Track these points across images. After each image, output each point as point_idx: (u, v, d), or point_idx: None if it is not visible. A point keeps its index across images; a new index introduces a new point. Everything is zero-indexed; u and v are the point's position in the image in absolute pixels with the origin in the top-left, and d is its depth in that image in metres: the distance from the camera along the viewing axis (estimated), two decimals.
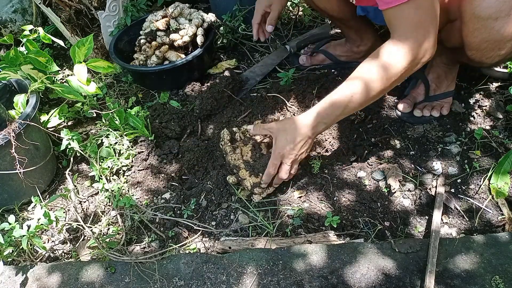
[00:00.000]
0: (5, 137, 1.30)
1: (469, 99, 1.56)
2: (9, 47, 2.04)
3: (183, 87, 1.82)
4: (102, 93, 1.82)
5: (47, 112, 1.73)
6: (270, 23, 1.55)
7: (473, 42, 1.17)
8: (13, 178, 1.39)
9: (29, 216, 1.46)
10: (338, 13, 1.58)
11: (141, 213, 1.37)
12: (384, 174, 1.36)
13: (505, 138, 1.41)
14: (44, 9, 2.06)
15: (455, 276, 1.06)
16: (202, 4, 2.26)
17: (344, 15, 1.59)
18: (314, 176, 1.38)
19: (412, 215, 1.27)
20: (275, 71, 1.84)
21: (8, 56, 1.46)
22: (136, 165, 1.54)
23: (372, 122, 1.55)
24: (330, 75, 1.73)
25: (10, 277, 1.23)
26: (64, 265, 1.24)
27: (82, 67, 1.43)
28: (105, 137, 1.56)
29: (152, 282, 1.15)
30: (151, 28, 1.83)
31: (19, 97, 1.44)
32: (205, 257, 1.18)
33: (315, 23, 2.11)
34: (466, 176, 1.33)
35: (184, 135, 1.63)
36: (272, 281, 1.11)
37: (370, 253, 1.13)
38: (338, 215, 1.25)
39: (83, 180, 1.56)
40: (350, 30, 1.70)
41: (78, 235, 1.38)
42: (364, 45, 1.70)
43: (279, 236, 1.25)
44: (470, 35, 1.16)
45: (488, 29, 1.12)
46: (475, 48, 1.19)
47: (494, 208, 1.25)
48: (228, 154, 1.36)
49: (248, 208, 1.32)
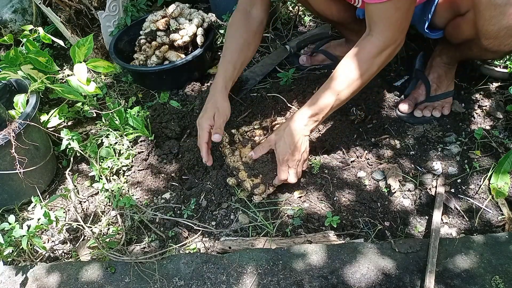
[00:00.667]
0: (5, 137, 1.30)
1: (469, 99, 1.56)
2: (9, 47, 2.05)
3: (183, 87, 1.82)
4: (102, 93, 1.82)
5: (47, 112, 1.73)
6: (215, 132, 1.33)
7: (491, 31, 1.17)
8: (13, 178, 1.39)
9: (29, 216, 1.46)
10: (338, 17, 1.58)
11: (141, 213, 1.37)
12: (384, 174, 1.36)
13: (505, 138, 1.41)
14: (44, 9, 2.06)
15: (455, 276, 1.06)
16: (202, 4, 2.26)
17: (344, 19, 1.59)
18: (314, 176, 1.38)
19: (412, 215, 1.27)
20: (275, 71, 1.84)
21: (8, 56, 1.46)
22: (136, 165, 1.54)
23: (372, 122, 1.55)
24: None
25: (10, 277, 1.23)
26: (64, 265, 1.24)
27: (82, 67, 1.43)
28: (105, 137, 1.56)
29: (152, 282, 1.15)
30: (151, 28, 1.83)
31: (19, 97, 1.44)
32: (205, 257, 1.18)
33: (315, 23, 2.11)
34: (466, 176, 1.33)
35: (184, 135, 1.63)
36: (272, 281, 1.11)
37: (370, 253, 1.13)
38: (338, 215, 1.25)
39: (83, 180, 1.56)
40: (350, 32, 1.70)
41: (78, 235, 1.38)
42: None
43: (279, 236, 1.25)
44: (487, 23, 1.16)
45: (506, 15, 1.11)
46: (493, 36, 1.18)
47: (494, 208, 1.25)
48: (227, 157, 1.36)
49: (248, 208, 1.32)
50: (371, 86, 1.66)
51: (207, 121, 1.35)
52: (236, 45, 1.43)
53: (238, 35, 1.43)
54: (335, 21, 1.61)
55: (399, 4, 1.11)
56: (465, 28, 1.26)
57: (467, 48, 1.34)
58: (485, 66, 1.60)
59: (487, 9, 1.13)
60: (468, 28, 1.24)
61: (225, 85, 1.40)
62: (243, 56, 1.44)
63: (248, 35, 1.44)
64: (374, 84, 1.67)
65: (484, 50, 1.27)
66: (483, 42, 1.23)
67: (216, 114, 1.35)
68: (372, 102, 1.58)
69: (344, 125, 1.51)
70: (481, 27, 1.18)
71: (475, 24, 1.20)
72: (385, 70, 1.75)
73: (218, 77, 1.41)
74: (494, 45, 1.21)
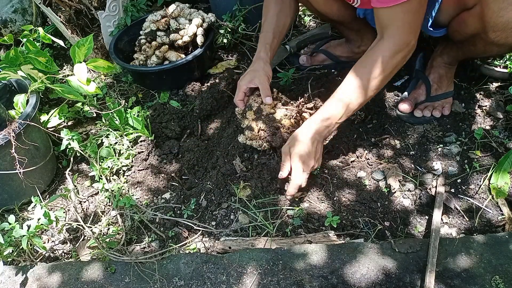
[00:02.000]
0: (5, 137, 1.30)
1: (469, 99, 1.57)
2: (9, 47, 2.04)
3: (183, 87, 1.82)
4: (102, 93, 1.82)
5: (47, 112, 1.73)
6: (266, 95, 1.39)
7: (500, 23, 1.18)
8: (13, 178, 1.39)
9: (29, 216, 1.46)
10: (338, 16, 1.58)
11: (141, 213, 1.37)
12: (384, 174, 1.36)
13: (505, 138, 1.41)
14: (44, 9, 2.06)
15: (455, 276, 1.06)
16: (202, 4, 2.26)
17: (344, 18, 1.59)
18: (314, 176, 1.38)
19: (412, 215, 1.27)
20: (275, 71, 1.84)
21: (8, 56, 1.46)
22: (136, 165, 1.54)
23: (372, 122, 1.55)
24: (330, 75, 1.73)
25: (10, 277, 1.23)
26: (64, 265, 1.24)
27: (82, 67, 1.43)
28: (105, 137, 1.56)
29: (152, 282, 1.15)
30: (151, 28, 1.83)
31: (19, 97, 1.44)
32: (205, 257, 1.18)
33: (315, 23, 2.11)
34: (466, 176, 1.33)
35: (184, 135, 1.63)
36: (272, 281, 1.11)
37: (370, 253, 1.13)
38: (338, 215, 1.25)
39: (83, 180, 1.56)
40: (350, 32, 1.70)
41: (78, 235, 1.38)
42: (365, 45, 1.70)
43: (279, 236, 1.25)
44: (496, 15, 1.17)
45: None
46: (501, 28, 1.19)
47: (494, 208, 1.25)
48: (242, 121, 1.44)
49: (248, 208, 1.32)
50: None
51: (245, 82, 1.43)
52: (273, 14, 1.51)
53: (274, 5, 1.52)
54: (335, 20, 1.61)
55: (408, 7, 1.11)
56: (471, 22, 1.26)
57: (470, 44, 1.34)
58: (485, 66, 1.60)
59: (495, 1, 1.15)
60: (475, 22, 1.24)
61: (265, 51, 1.47)
62: (281, 23, 1.51)
63: (283, 5, 1.52)
64: None
65: (489, 44, 1.27)
66: (490, 36, 1.23)
67: (258, 78, 1.41)
68: (372, 102, 1.58)
69: (344, 125, 1.50)
70: (489, 20, 1.19)
71: (482, 17, 1.20)
72: None
73: (259, 45, 1.50)
74: (501, 38, 1.22)
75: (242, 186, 1.36)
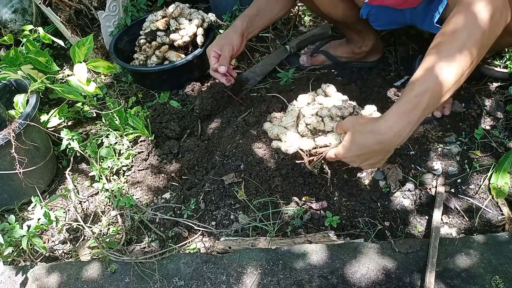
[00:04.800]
0: (5, 137, 1.30)
1: (469, 99, 1.56)
2: (9, 47, 2.04)
3: (183, 87, 1.82)
4: (102, 93, 1.82)
5: (47, 112, 1.73)
6: (221, 63, 1.40)
7: None
8: (13, 178, 1.39)
9: (29, 216, 1.46)
10: (342, 17, 1.57)
11: (141, 213, 1.37)
12: (384, 174, 1.36)
13: (505, 138, 1.41)
14: (44, 9, 2.06)
15: (455, 276, 1.06)
16: (202, 4, 2.26)
17: (348, 19, 1.58)
18: (314, 176, 1.38)
19: (412, 215, 1.27)
20: (275, 71, 1.84)
21: (8, 56, 1.46)
22: (136, 165, 1.54)
23: None
24: (330, 75, 1.73)
25: (10, 277, 1.23)
26: (64, 265, 1.24)
27: (82, 67, 1.43)
28: (105, 137, 1.56)
29: (152, 282, 1.15)
30: (151, 28, 1.83)
31: (19, 97, 1.44)
32: (205, 257, 1.18)
33: (315, 23, 2.11)
34: (466, 176, 1.33)
35: (184, 135, 1.63)
36: (272, 281, 1.11)
37: (370, 253, 1.13)
38: (338, 215, 1.25)
39: (83, 180, 1.56)
40: (352, 32, 1.70)
41: (78, 235, 1.38)
42: (365, 46, 1.70)
43: (279, 236, 1.25)
44: None
45: None
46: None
47: (494, 208, 1.25)
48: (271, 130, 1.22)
49: (248, 208, 1.32)
50: (371, 86, 1.67)
51: (213, 47, 1.40)
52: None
53: None
54: (339, 21, 1.61)
55: None
56: None
57: None
58: (485, 66, 1.60)
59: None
60: None
61: (242, 21, 1.43)
62: (269, 7, 1.46)
63: None
64: (374, 84, 1.67)
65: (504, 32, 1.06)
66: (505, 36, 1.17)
67: (223, 46, 1.38)
68: (372, 102, 1.58)
69: None
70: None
71: None
72: (385, 70, 1.75)
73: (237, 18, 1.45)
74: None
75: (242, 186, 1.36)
